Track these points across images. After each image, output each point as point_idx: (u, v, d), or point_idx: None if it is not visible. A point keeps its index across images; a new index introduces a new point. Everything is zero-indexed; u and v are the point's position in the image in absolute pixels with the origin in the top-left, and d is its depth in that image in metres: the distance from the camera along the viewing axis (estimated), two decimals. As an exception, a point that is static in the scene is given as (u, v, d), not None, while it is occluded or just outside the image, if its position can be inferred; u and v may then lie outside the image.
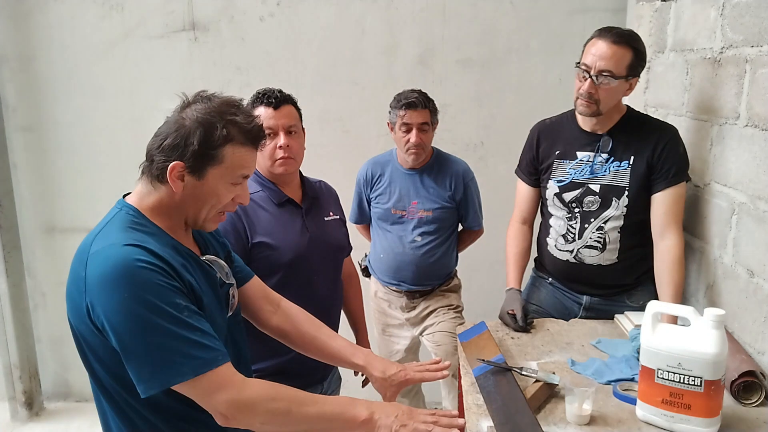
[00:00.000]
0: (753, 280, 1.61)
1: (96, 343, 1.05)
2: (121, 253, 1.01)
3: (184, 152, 1.09)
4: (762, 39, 1.58)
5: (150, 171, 1.12)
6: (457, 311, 2.41)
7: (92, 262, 1.03)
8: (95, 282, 1.01)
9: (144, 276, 1.01)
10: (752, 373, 1.47)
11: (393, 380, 1.38)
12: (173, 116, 1.13)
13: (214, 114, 1.10)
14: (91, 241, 1.07)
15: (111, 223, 1.10)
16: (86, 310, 1.02)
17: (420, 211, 2.31)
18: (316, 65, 2.85)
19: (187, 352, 1.01)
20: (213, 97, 1.14)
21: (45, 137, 2.99)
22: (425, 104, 2.22)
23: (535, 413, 1.40)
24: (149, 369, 1.00)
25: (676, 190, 1.82)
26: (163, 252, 1.06)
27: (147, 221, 1.11)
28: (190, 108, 1.12)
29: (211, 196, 1.14)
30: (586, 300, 2.00)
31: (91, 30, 2.86)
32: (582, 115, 1.87)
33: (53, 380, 3.29)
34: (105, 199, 3.28)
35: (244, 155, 1.14)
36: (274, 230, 1.67)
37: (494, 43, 2.78)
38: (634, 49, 1.78)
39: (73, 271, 1.07)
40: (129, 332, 0.99)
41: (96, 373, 1.10)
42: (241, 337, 1.31)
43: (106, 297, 1.00)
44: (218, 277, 1.22)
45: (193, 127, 1.09)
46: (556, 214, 1.98)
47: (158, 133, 1.13)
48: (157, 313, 1.00)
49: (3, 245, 2.96)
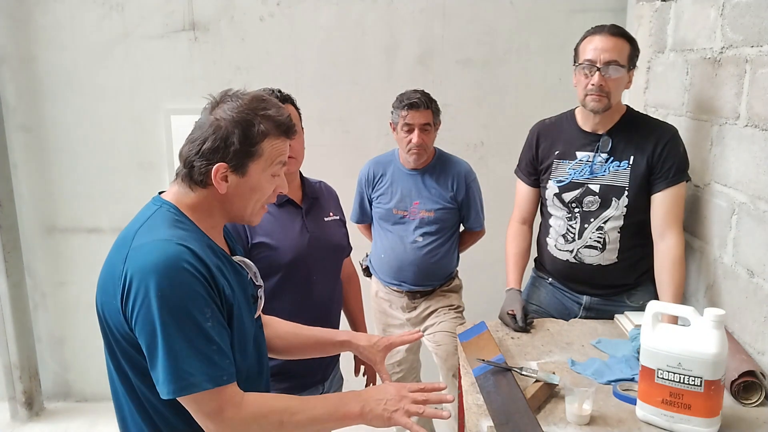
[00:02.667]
0: (753, 280, 1.61)
1: (127, 337, 1.05)
2: (170, 250, 1.02)
3: (226, 153, 1.09)
4: (762, 39, 1.58)
5: (191, 177, 1.12)
6: (458, 311, 2.41)
7: (135, 255, 1.02)
8: (137, 270, 1.01)
9: (186, 278, 1.01)
10: (752, 373, 1.47)
11: (378, 345, 1.44)
12: (205, 119, 1.12)
13: (248, 111, 1.11)
14: (133, 235, 1.06)
15: (153, 219, 1.09)
16: (120, 301, 1.02)
17: (421, 212, 2.31)
18: (316, 65, 2.85)
19: (199, 365, 1.01)
20: (240, 95, 1.14)
21: (45, 137, 2.99)
22: (428, 105, 2.22)
23: (535, 413, 1.40)
24: (170, 372, 1.00)
25: (676, 190, 1.82)
26: (204, 254, 1.06)
27: (186, 219, 1.12)
28: (220, 108, 1.12)
29: (256, 191, 1.16)
30: (586, 300, 2.00)
31: (91, 30, 2.86)
32: (594, 111, 1.85)
33: (53, 380, 3.29)
34: (105, 199, 3.31)
35: (279, 146, 1.16)
36: (273, 230, 1.67)
37: (494, 43, 2.79)
38: (630, 40, 1.82)
39: (110, 265, 1.07)
40: (156, 329, 0.99)
41: (122, 368, 1.09)
42: (263, 339, 1.32)
43: (144, 287, 0.99)
44: (249, 278, 1.23)
45: (230, 127, 1.10)
46: (555, 214, 1.98)
47: (193, 138, 1.12)
48: (187, 318, 1.00)
49: (3, 245, 2.96)
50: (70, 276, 3.12)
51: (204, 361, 1.02)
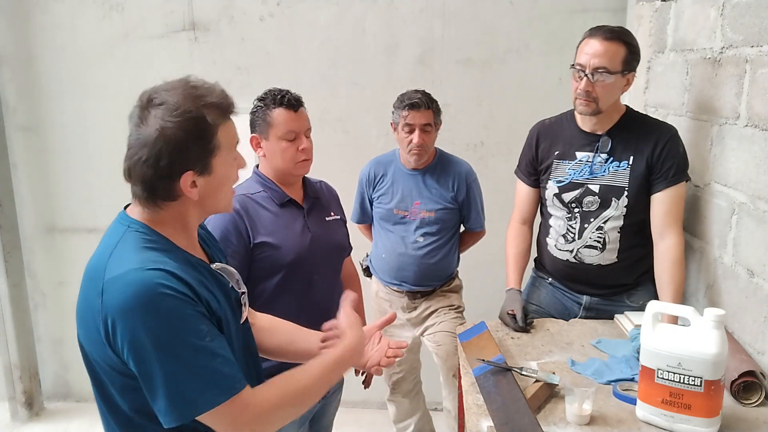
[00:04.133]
0: (753, 280, 1.61)
1: (115, 371, 1.01)
2: (143, 279, 0.96)
3: (187, 161, 1.03)
4: (762, 39, 1.58)
5: (155, 196, 1.05)
6: (458, 311, 2.41)
7: (111, 290, 0.97)
8: (117, 310, 0.96)
9: (169, 304, 0.97)
10: (752, 373, 1.47)
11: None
12: (145, 133, 1.01)
13: (190, 108, 1.02)
14: (104, 266, 1.00)
15: (122, 245, 1.03)
16: (105, 340, 0.98)
17: (422, 212, 2.31)
18: (316, 65, 2.85)
19: (208, 380, 0.99)
20: (164, 93, 1.03)
21: (45, 137, 2.99)
22: (428, 105, 2.22)
23: (535, 413, 1.40)
24: (172, 401, 0.97)
25: (676, 190, 1.82)
26: (182, 272, 1.01)
27: (159, 237, 1.06)
28: (154, 117, 1.01)
29: (224, 182, 1.12)
30: (586, 300, 2.00)
31: (91, 30, 2.86)
32: (582, 114, 1.87)
33: (53, 380, 3.29)
34: (105, 199, 3.30)
35: (231, 129, 1.11)
36: (275, 230, 1.68)
37: (494, 43, 2.79)
38: (627, 43, 1.79)
39: (86, 299, 1.02)
40: (153, 364, 0.96)
41: (111, 400, 1.05)
42: (253, 342, 1.30)
43: (130, 327, 0.95)
44: (231, 286, 1.20)
45: (180, 133, 1.00)
46: (555, 215, 1.98)
47: (142, 158, 1.01)
48: (182, 344, 0.97)
49: (3, 245, 2.96)
50: (70, 276, 3.12)
51: (211, 376, 0.99)
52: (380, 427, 2.97)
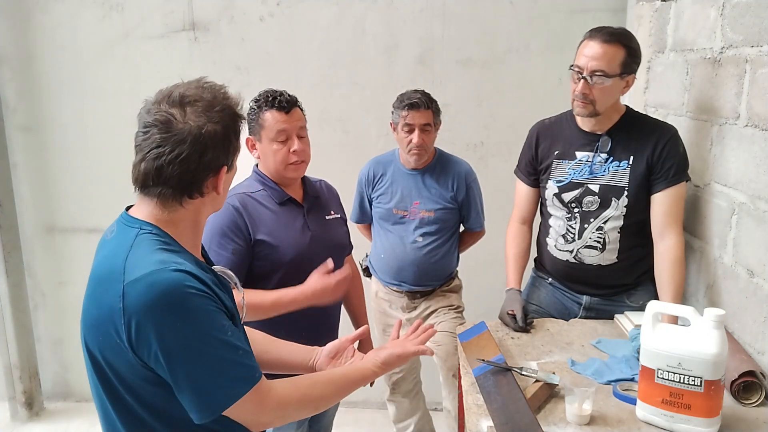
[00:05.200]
0: (753, 280, 1.61)
1: (133, 374, 1.01)
2: (168, 279, 0.97)
3: (227, 155, 1.07)
4: (762, 39, 1.58)
5: (185, 194, 1.05)
6: (458, 311, 2.41)
7: (133, 292, 0.96)
8: (143, 312, 0.95)
9: (194, 303, 0.98)
10: (752, 373, 1.47)
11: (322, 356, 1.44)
12: (184, 130, 1.02)
13: (226, 104, 1.08)
14: (122, 269, 0.99)
15: (138, 247, 1.02)
16: (128, 343, 0.97)
17: (422, 212, 2.31)
18: (316, 65, 2.85)
19: (234, 373, 1.02)
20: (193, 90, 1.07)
21: (45, 137, 2.99)
22: (428, 105, 2.23)
23: (535, 413, 1.40)
24: (203, 396, 0.99)
25: (676, 190, 1.82)
26: (198, 272, 1.03)
27: (171, 239, 1.06)
28: (191, 114, 1.03)
29: (232, 178, 1.15)
30: (586, 300, 2.00)
31: (91, 30, 2.86)
32: (579, 116, 1.88)
33: (53, 380, 3.29)
34: (104, 199, 3.30)
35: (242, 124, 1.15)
36: (275, 229, 1.68)
37: (494, 43, 2.78)
38: (626, 46, 1.78)
39: (99, 303, 1.01)
40: (182, 362, 0.98)
41: (123, 402, 1.04)
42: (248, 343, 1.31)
43: (158, 327, 0.96)
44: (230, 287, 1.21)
45: (222, 129, 1.04)
46: (555, 215, 1.98)
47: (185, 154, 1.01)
48: (210, 341, 0.99)
49: (3, 245, 2.96)
50: (69, 276, 3.12)
51: (235, 369, 1.02)
52: (380, 427, 2.97)
